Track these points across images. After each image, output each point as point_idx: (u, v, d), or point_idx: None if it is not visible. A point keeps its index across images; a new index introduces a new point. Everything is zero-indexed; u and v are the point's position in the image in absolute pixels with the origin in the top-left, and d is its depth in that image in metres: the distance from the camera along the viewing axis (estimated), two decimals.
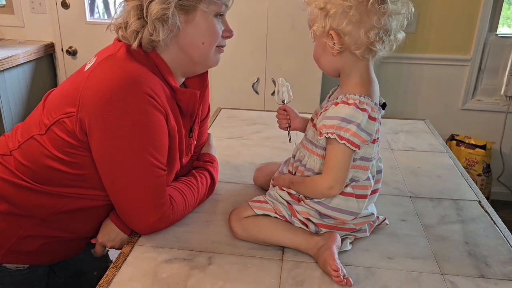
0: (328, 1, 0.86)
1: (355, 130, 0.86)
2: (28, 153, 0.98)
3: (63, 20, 2.75)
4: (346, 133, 0.86)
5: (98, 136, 0.91)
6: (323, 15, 0.87)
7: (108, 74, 0.91)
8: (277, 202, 0.99)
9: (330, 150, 0.90)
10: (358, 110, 0.87)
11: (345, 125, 0.86)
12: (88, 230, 1.08)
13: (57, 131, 0.94)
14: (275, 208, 0.98)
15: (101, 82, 0.90)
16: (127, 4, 0.96)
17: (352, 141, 0.86)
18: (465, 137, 2.79)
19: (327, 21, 0.87)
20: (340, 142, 0.86)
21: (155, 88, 0.93)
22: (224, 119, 1.77)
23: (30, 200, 0.99)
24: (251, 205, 1.01)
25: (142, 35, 0.95)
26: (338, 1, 0.85)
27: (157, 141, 0.94)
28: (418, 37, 2.66)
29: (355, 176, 0.93)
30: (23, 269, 1.06)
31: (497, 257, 0.97)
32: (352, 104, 0.87)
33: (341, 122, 0.86)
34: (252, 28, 2.33)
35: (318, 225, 0.96)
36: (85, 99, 0.90)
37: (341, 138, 0.86)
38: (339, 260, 0.89)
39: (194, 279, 0.87)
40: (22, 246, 1.03)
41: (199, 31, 0.98)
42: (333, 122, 0.87)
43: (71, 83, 0.98)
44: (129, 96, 0.89)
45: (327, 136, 0.87)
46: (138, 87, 0.90)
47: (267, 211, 0.99)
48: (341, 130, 0.86)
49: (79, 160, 0.95)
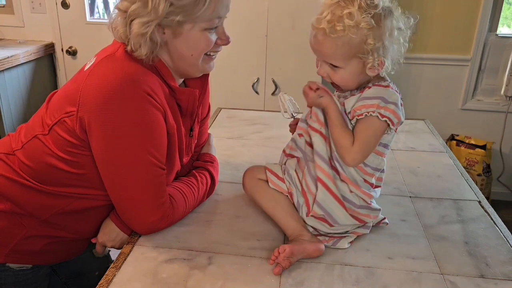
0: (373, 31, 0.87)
1: (393, 109, 0.90)
2: (30, 153, 0.99)
3: (63, 20, 2.75)
4: (387, 111, 0.90)
5: (97, 135, 0.91)
6: (377, 47, 0.87)
7: (107, 73, 0.92)
8: (293, 186, 0.99)
9: (366, 126, 0.92)
10: (394, 91, 0.92)
11: (384, 104, 0.90)
12: (90, 231, 1.09)
13: (59, 131, 0.95)
14: (289, 190, 0.98)
15: (100, 81, 0.91)
16: (116, 10, 0.96)
17: (392, 119, 0.90)
18: (465, 137, 2.78)
19: (380, 51, 0.89)
20: (381, 120, 0.90)
21: (153, 87, 0.93)
22: (224, 119, 1.77)
23: (33, 200, 0.99)
24: (268, 175, 1.01)
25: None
26: (383, 32, 0.88)
27: (156, 139, 0.94)
28: (418, 37, 2.66)
29: (380, 165, 0.97)
30: (26, 269, 1.06)
31: (497, 257, 0.97)
32: (387, 86, 0.92)
33: (381, 101, 0.90)
34: (252, 28, 2.32)
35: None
36: (84, 98, 0.91)
37: (382, 116, 0.90)
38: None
39: (194, 279, 0.87)
40: (26, 246, 1.03)
41: (187, 45, 0.97)
42: (374, 102, 0.90)
43: (72, 83, 0.99)
44: (128, 94, 0.89)
45: (368, 114, 0.90)
46: (136, 86, 0.90)
47: (279, 190, 1.00)
48: (382, 109, 0.90)
49: (80, 159, 0.96)
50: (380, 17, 0.87)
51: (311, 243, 0.94)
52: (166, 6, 0.90)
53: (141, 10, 0.90)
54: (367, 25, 0.85)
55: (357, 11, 0.85)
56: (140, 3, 0.90)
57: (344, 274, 0.90)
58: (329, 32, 0.87)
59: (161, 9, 0.89)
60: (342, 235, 0.99)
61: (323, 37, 0.89)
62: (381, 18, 0.87)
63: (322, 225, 0.98)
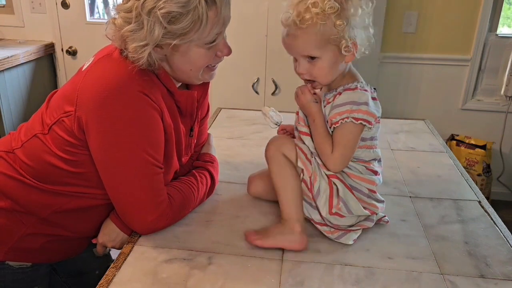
0: (339, 13, 0.89)
1: (366, 109, 0.93)
2: (30, 151, 0.99)
3: (63, 20, 2.75)
4: (359, 113, 0.92)
5: (94, 134, 0.92)
6: (347, 27, 0.90)
7: (104, 73, 0.92)
8: (318, 172, 0.99)
9: (342, 133, 0.95)
10: (362, 91, 0.95)
11: (356, 107, 0.93)
12: (89, 229, 1.09)
13: (57, 130, 0.95)
14: (313, 174, 0.98)
15: (96, 81, 0.91)
16: (111, 24, 0.94)
17: (367, 119, 0.93)
18: (465, 137, 2.78)
19: (351, 31, 0.91)
20: (357, 123, 0.93)
21: (149, 86, 0.93)
22: (224, 119, 1.77)
23: (32, 198, 1.00)
24: (298, 154, 1.00)
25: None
26: (348, 12, 0.90)
27: (152, 138, 0.95)
28: (418, 37, 2.66)
29: (374, 155, 1.00)
30: (25, 267, 1.06)
31: (497, 257, 0.97)
32: (355, 88, 0.95)
33: (352, 105, 0.93)
34: (252, 28, 2.32)
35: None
36: (82, 98, 0.91)
37: (356, 120, 0.93)
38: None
39: (194, 279, 0.87)
40: (25, 244, 1.03)
41: (186, 60, 0.97)
42: (346, 108, 0.93)
43: (70, 83, 0.99)
44: (123, 94, 0.90)
45: (343, 122, 0.93)
46: (131, 85, 0.91)
47: (306, 169, 0.99)
48: (354, 113, 0.93)
49: (79, 158, 0.96)
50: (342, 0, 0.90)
51: (293, 238, 0.96)
52: (161, 30, 0.88)
53: (135, 33, 0.89)
54: (332, 9, 0.88)
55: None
56: (135, 25, 0.89)
57: (344, 274, 0.90)
58: (300, 23, 0.90)
59: (156, 34, 0.88)
60: (347, 229, 0.99)
61: (295, 31, 0.92)
62: (343, 1, 0.90)
63: (335, 219, 0.99)
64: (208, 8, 0.90)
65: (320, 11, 0.88)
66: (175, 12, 0.87)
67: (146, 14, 0.87)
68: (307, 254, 0.95)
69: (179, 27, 0.89)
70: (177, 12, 0.87)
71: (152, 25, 0.88)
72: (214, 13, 0.91)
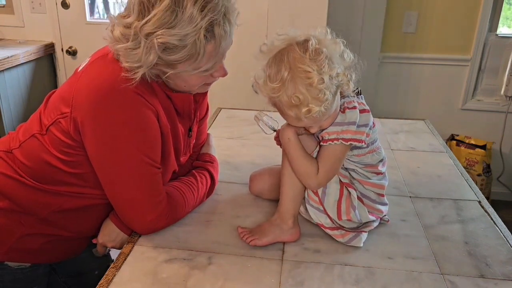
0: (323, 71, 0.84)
1: (354, 129, 0.91)
2: (28, 151, 0.99)
3: (63, 20, 2.75)
4: (348, 134, 0.91)
5: (90, 136, 0.92)
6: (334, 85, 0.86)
7: (98, 74, 0.92)
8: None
9: (329, 153, 0.94)
10: (350, 111, 0.93)
11: (345, 128, 0.91)
12: (88, 229, 1.09)
13: (54, 131, 0.95)
14: None
15: (91, 82, 0.91)
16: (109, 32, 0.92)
17: (356, 139, 0.92)
18: (465, 137, 2.78)
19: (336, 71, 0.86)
20: (347, 144, 0.92)
21: (144, 87, 0.93)
22: (224, 119, 1.77)
23: (30, 198, 0.99)
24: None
25: None
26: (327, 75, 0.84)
27: (149, 138, 0.94)
28: (418, 37, 2.66)
29: (363, 161, 0.99)
30: (24, 268, 1.06)
31: (497, 257, 0.97)
32: (343, 110, 0.93)
33: (340, 127, 0.92)
34: (252, 28, 2.32)
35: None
36: (77, 100, 0.91)
37: (346, 141, 0.92)
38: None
39: (194, 279, 0.87)
40: (24, 244, 1.03)
41: (180, 79, 0.96)
42: (334, 130, 0.92)
43: (67, 84, 0.99)
44: (118, 95, 0.89)
45: (332, 143, 0.92)
46: (126, 87, 0.90)
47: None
48: (343, 134, 0.91)
49: (76, 159, 0.96)
50: (328, 55, 0.85)
51: (287, 231, 0.99)
52: (155, 58, 0.87)
53: (131, 51, 0.87)
54: (329, 68, 0.84)
55: (312, 69, 0.83)
56: (132, 44, 0.86)
57: (344, 274, 0.90)
58: (316, 114, 0.85)
59: (151, 59, 0.87)
60: (355, 230, 1.00)
61: (313, 116, 0.85)
62: (328, 55, 0.85)
63: (343, 222, 1.00)
64: (207, 43, 0.87)
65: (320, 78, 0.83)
66: (171, 44, 0.85)
67: (144, 37, 0.85)
68: (307, 254, 0.96)
69: (174, 58, 0.87)
70: (173, 44, 0.85)
71: (148, 49, 0.86)
72: (212, 47, 0.89)
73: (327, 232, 1.01)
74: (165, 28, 0.84)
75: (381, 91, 2.77)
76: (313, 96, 0.84)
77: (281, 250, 0.97)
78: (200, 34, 0.85)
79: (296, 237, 1.00)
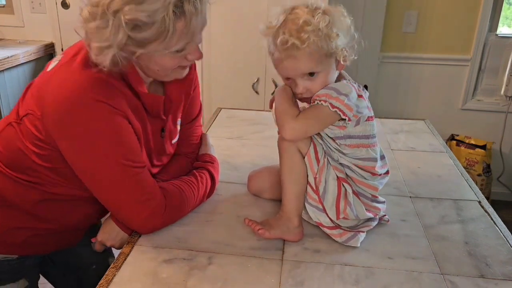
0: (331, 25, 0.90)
1: (346, 101, 0.91)
2: (6, 140, 1.00)
3: (63, 20, 2.75)
4: (337, 102, 0.91)
5: (65, 148, 0.92)
6: (340, 38, 0.91)
7: (63, 82, 0.91)
8: (327, 172, 0.99)
9: (314, 108, 0.94)
10: (348, 84, 0.95)
11: (336, 95, 0.92)
12: (74, 222, 1.09)
13: (27, 123, 0.95)
14: (318, 174, 0.98)
15: (57, 90, 0.90)
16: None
17: (343, 110, 0.92)
18: (465, 137, 2.79)
19: (343, 40, 0.92)
20: (332, 110, 0.92)
21: (107, 93, 0.90)
22: (224, 119, 1.77)
23: (10, 189, 1.00)
24: (309, 149, 0.98)
25: None
26: (337, 23, 0.91)
27: (124, 140, 0.93)
28: (418, 37, 2.66)
29: (356, 155, 0.98)
30: (11, 260, 1.07)
31: (497, 257, 0.97)
32: (340, 79, 0.97)
33: (333, 92, 0.92)
34: (252, 28, 2.32)
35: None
36: (46, 110, 0.91)
37: (333, 107, 0.92)
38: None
39: (194, 279, 0.87)
40: (11, 237, 1.04)
41: (152, 62, 0.93)
42: (326, 92, 0.93)
43: (40, 79, 0.98)
44: (82, 106, 0.88)
45: (319, 103, 0.93)
46: (89, 96, 0.88)
47: (311, 168, 0.98)
48: (333, 99, 0.91)
49: (48, 153, 0.95)
50: (327, 13, 0.91)
51: (292, 230, 0.99)
52: (124, 37, 0.85)
53: (100, 31, 0.85)
54: (324, 22, 0.89)
55: (310, 16, 0.89)
56: (100, 22, 0.84)
57: (344, 274, 0.90)
58: (300, 44, 0.89)
59: (120, 37, 0.84)
60: (353, 230, 1.00)
61: (296, 52, 0.90)
62: (327, 13, 0.91)
63: (340, 221, 1.00)
64: (176, 20, 0.84)
65: (314, 28, 0.88)
66: (140, 21, 0.83)
67: (112, 14, 0.83)
68: (307, 254, 0.96)
69: (143, 36, 0.85)
70: (141, 21, 0.83)
71: (117, 28, 0.83)
72: (182, 24, 0.86)
73: (325, 231, 1.01)
74: (133, 4, 0.82)
75: (381, 91, 2.77)
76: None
77: (281, 250, 0.97)
78: (169, 10, 0.83)
79: (299, 237, 1.00)
